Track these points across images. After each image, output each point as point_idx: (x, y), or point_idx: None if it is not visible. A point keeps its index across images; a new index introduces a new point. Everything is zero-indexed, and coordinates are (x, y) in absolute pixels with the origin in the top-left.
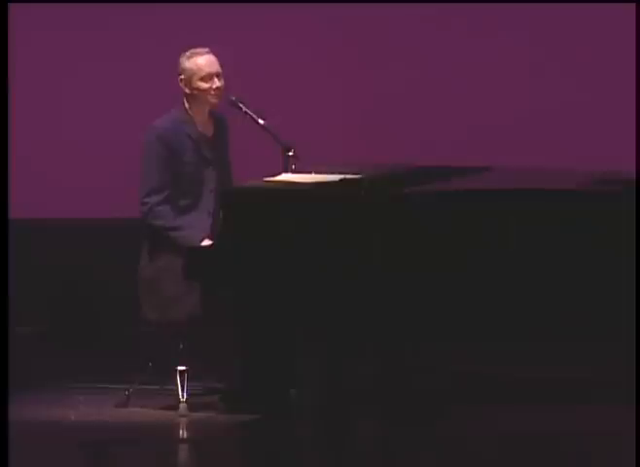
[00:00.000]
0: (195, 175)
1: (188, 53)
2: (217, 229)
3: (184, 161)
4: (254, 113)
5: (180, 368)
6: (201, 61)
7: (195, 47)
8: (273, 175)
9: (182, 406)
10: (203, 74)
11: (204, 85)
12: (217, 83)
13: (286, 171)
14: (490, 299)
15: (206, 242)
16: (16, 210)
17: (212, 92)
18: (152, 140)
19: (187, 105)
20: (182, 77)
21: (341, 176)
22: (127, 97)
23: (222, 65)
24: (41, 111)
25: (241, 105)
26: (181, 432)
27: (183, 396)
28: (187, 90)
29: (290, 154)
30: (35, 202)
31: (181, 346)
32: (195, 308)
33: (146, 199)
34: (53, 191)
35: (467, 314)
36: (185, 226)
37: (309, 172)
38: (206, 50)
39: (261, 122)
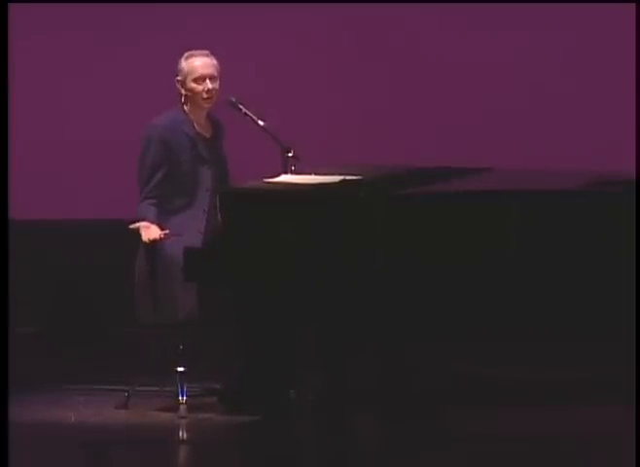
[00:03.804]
0: (191, 174)
1: (186, 54)
2: (210, 227)
3: (181, 159)
4: (254, 114)
5: (179, 369)
6: (196, 63)
7: (195, 47)
8: (273, 176)
9: (181, 407)
10: (196, 75)
11: (196, 86)
12: (209, 85)
13: (286, 172)
14: (490, 299)
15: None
16: (16, 210)
17: (204, 96)
18: (150, 137)
19: (184, 106)
20: (178, 77)
21: (341, 177)
22: (128, 97)
23: (220, 69)
24: (41, 111)
25: (241, 106)
26: (180, 433)
27: (182, 397)
28: (182, 91)
29: (289, 155)
30: (35, 202)
31: (181, 347)
32: (193, 309)
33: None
34: (54, 191)
35: (467, 314)
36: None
37: (309, 173)
38: (205, 52)
39: (260, 123)
